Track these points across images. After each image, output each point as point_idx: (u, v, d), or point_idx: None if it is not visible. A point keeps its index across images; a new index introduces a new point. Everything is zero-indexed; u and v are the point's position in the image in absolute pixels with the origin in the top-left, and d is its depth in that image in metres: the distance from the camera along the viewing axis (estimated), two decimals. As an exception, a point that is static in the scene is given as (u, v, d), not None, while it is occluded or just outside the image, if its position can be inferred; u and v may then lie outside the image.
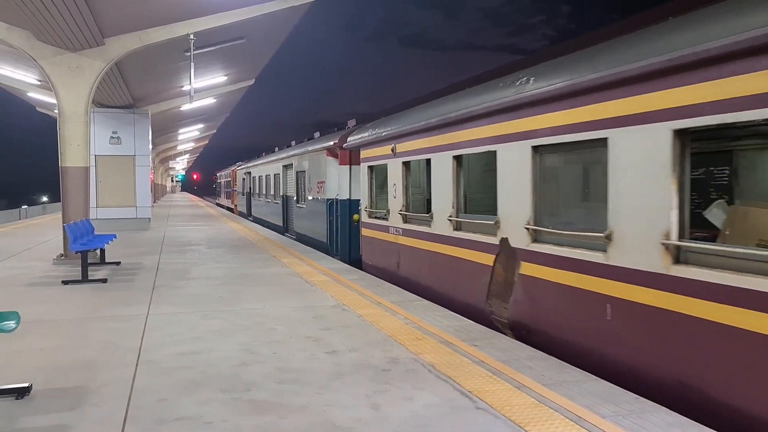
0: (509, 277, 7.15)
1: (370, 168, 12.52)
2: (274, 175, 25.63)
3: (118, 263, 12.18)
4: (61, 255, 12.63)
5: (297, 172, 20.70)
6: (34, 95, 20.43)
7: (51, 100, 15.92)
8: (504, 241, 7.30)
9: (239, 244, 16.06)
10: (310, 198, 18.32)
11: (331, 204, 15.81)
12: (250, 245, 15.83)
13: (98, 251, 12.07)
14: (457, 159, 8.59)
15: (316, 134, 20.11)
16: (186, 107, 23.46)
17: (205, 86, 20.10)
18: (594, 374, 5.21)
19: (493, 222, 7.53)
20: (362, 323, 6.97)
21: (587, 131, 5.77)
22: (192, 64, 13.69)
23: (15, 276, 10.66)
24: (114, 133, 20.86)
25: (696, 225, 5.39)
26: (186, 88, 18.25)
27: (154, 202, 42.11)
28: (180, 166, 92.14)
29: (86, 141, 12.87)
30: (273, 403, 4.47)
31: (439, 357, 5.59)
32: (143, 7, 11.82)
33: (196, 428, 4.02)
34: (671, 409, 4.32)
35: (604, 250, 5.55)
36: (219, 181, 66.94)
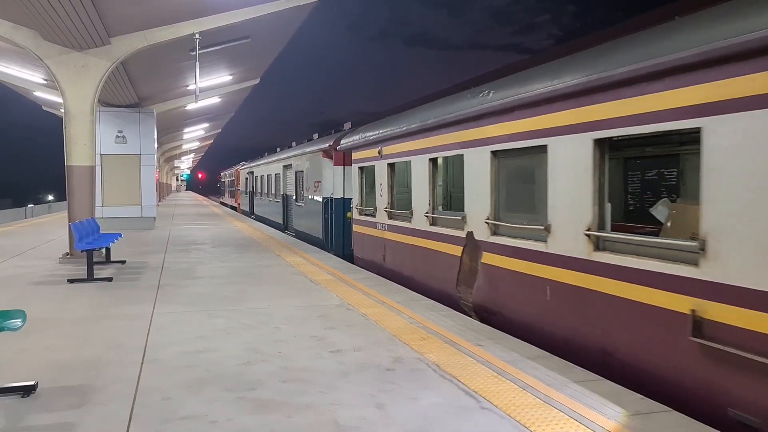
0: (474, 266, 8.10)
1: (361, 169, 13.44)
2: (275, 174, 26.73)
3: (123, 262, 12.21)
4: (67, 254, 12.68)
5: (296, 172, 21.54)
6: (40, 94, 20.50)
7: (57, 99, 15.99)
8: (470, 234, 8.26)
9: (244, 243, 16.08)
10: (308, 197, 19.15)
11: (327, 202, 16.71)
12: (255, 244, 15.85)
13: (103, 250, 12.10)
14: (433, 161, 9.53)
15: (315, 136, 20.72)
16: (191, 106, 23.49)
17: (210, 85, 20.13)
18: (538, 347, 6.08)
19: (461, 218, 8.49)
20: (367, 322, 6.97)
21: (533, 139, 6.78)
22: (197, 63, 13.70)
23: (21, 275, 10.70)
24: (119, 132, 20.92)
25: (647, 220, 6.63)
26: (191, 87, 18.26)
27: (160, 201, 42.24)
28: (185, 165, 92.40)
29: (92, 140, 12.91)
30: (278, 402, 4.48)
31: (444, 357, 5.59)
32: (149, 7, 11.85)
33: (200, 427, 4.02)
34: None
35: (545, 241, 6.54)
36: (223, 180, 69.21)
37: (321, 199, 17.16)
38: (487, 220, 7.77)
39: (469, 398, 4.52)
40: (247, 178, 39.50)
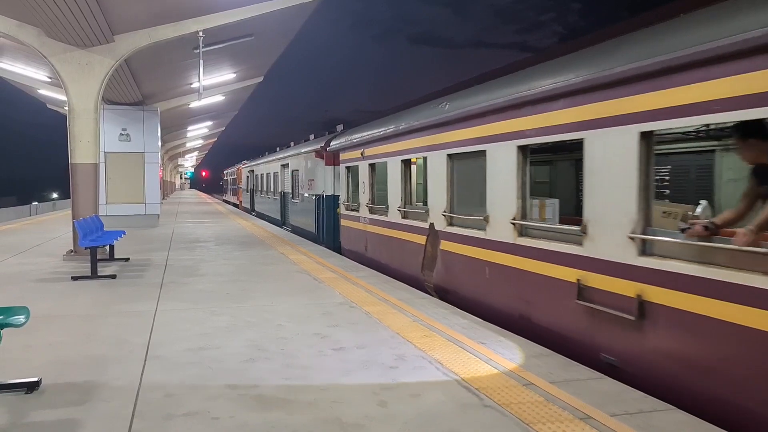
0: (434, 253, 9.43)
1: (347, 168, 14.87)
2: (274, 173, 28.12)
3: (127, 259, 12.24)
4: (71, 251, 12.71)
5: (292, 171, 22.88)
6: (44, 92, 20.54)
7: (61, 97, 16.00)
8: (431, 225, 9.57)
9: (247, 241, 16.10)
10: (302, 194, 20.62)
11: (319, 199, 18.05)
12: (258, 242, 15.87)
13: (107, 247, 12.13)
14: (405, 162, 10.88)
15: (311, 136, 21.91)
16: (195, 104, 23.50)
17: (213, 83, 20.14)
18: (480, 317, 7.19)
19: (424, 211, 9.83)
20: (370, 320, 6.97)
21: (476, 144, 8.09)
22: (201, 61, 13.70)
23: (25, 272, 10.73)
24: (123, 130, 20.94)
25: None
26: (195, 85, 18.31)
27: (164, 199, 42.33)
28: (189, 163, 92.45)
29: (96, 138, 12.93)
30: (280, 399, 4.48)
31: (447, 354, 5.58)
32: (153, 4, 11.86)
33: (203, 424, 4.03)
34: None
35: (485, 229, 7.88)
36: (225, 178, 70.99)
37: (314, 196, 18.46)
38: (444, 213, 9.10)
39: (471, 396, 4.52)
40: (248, 177, 40.94)
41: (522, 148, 7.09)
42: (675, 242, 4.97)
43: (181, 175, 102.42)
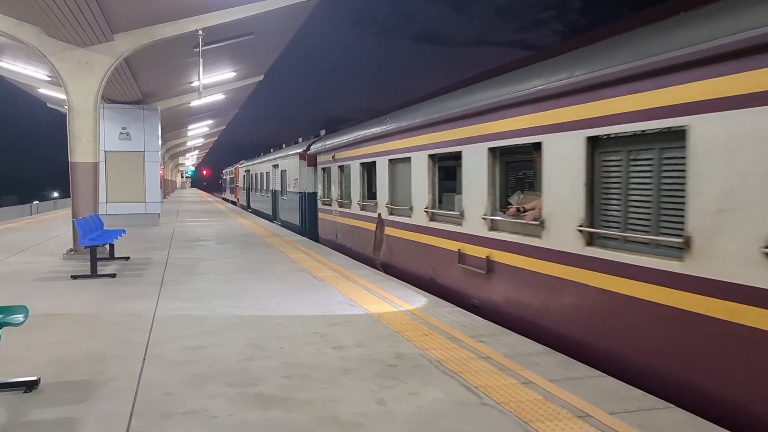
0: (381, 237, 12.04)
1: (323, 169, 17.67)
2: (266, 173, 30.52)
3: (127, 258, 12.24)
4: (71, 250, 12.71)
5: (281, 171, 25.17)
6: (44, 91, 20.53)
7: (61, 95, 16.00)
8: (379, 215, 12.19)
9: (248, 240, 16.10)
10: (289, 192, 23.08)
11: (302, 196, 20.60)
12: (259, 241, 15.87)
13: (107, 246, 12.13)
14: (363, 165, 13.44)
15: (300, 139, 24.58)
16: (195, 103, 23.48)
17: (213, 82, 20.12)
18: (410, 284, 9.40)
19: (374, 204, 12.49)
20: (369, 319, 6.96)
21: (405, 152, 10.65)
22: (201, 60, 13.69)
23: (25, 270, 10.74)
24: (123, 128, 20.93)
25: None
26: (195, 84, 18.30)
27: (164, 198, 42.34)
28: (190, 162, 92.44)
29: (96, 137, 12.92)
30: (279, 397, 4.48)
31: (446, 353, 5.58)
32: (152, 3, 11.84)
33: (202, 422, 4.03)
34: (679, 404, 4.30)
35: (410, 216, 10.43)
36: (224, 177, 74.37)
37: (298, 194, 21.08)
38: (387, 205, 11.72)
39: (470, 394, 4.52)
40: (244, 176, 43.65)
41: (431, 157, 9.69)
42: (503, 220, 7.57)
43: (182, 174, 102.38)
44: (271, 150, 33.08)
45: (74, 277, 9.91)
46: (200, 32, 12.85)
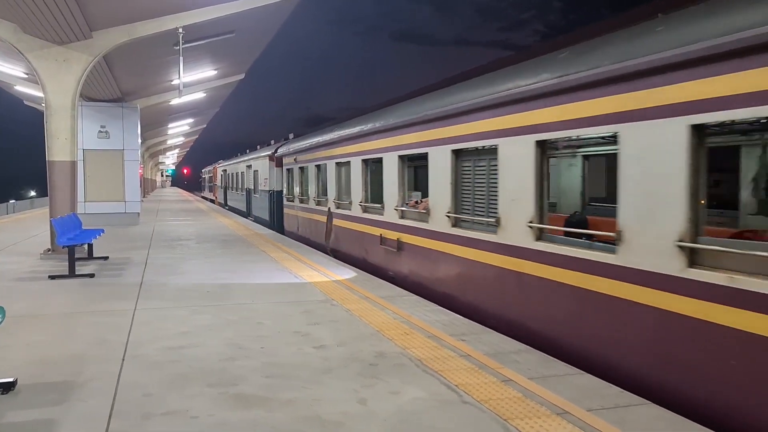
0: (330, 227, 14.55)
1: (287, 170, 20.61)
2: (241, 173, 32.92)
3: (106, 258, 12.12)
4: (49, 250, 12.55)
5: (254, 171, 27.65)
6: (21, 89, 20.22)
7: (38, 93, 15.77)
8: (329, 209, 14.66)
9: (229, 239, 16.02)
10: (260, 190, 25.56)
11: (271, 194, 22.95)
12: (240, 240, 15.79)
13: (86, 246, 11.99)
14: (317, 166, 15.97)
15: (272, 142, 27.03)
16: (175, 101, 23.27)
17: (194, 80, 19.97)
18: (354, 266, 11.19)
19: (325, 200, 14.97)
20: (350, 318, 6.98)
21: (347, 157, 13.03)
22: (181, 58, 13.59)
23: (2, 271, 10.58)
24: (102, 127, 20.68)
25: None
26: (175, 82, 18.14)
27: (144, 197, 41.96)
28: (170, 160, 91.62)
29: (73, 135, 12.76)
30: (260, 397, 4.48)
31: (427, 351, 5.61)
32: (131, 0, 11.73)
33: (182, 423, 4.02)
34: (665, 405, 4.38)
35: (351, 209, 12.79)
36: (204, 176, 77.53)
37: (267, 192, 23.50)
38: (334, 201, 14.15)
39: (450, 392, 4.55)
40: (221, 175, 46.90)
41: (365, 161, 12.07)
42: (408, 210, 10.06)
43: (162, 173, 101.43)
44: (247, 151, 36.08)
45: (52, 277, 9.79)
46: (180, 30, 12.75)
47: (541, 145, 6.53)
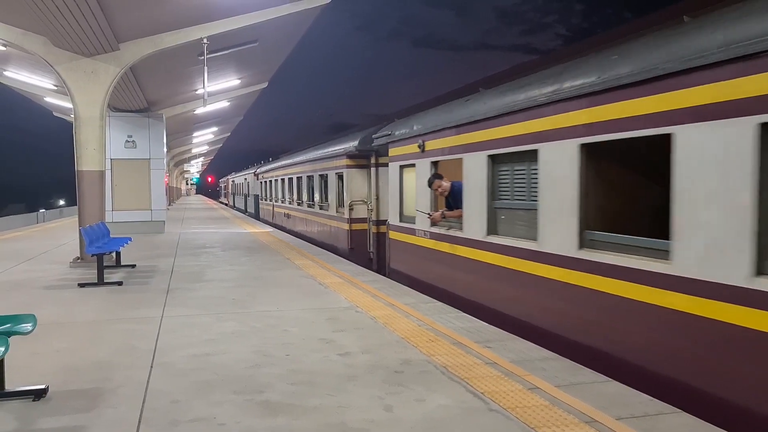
0: (288, 219, 24.13)
1: (261, 182, 33.79)
2: (241, 183, 50.69)
3: (133, 266, 12.29)
4: (78, 258, 12.77)
5: (247, 182, 44.22)
6: (50, 100, 20.68)
7: (67, 104, 16.11)
8: (292, 208, 23.56)
9: (253, 247, 16.14)
10: (251, 194, 40.77)
11: (255, 197, 37.94)
12: (264, 247, 15.90)
13: (114, 254, 12.18)
14: (281, 180, 26.16)
15: (263, 161, 39.52)
16: (200, 110, 23.59)
17: (218, 89, 20.21)
18: (293, 235, 20.24)
19: (270, 199, 29.91)
20: (375, 325, 6.98)
21: (304, 173, 21.21)
22: (206, 67, 13.77)
23: (32, 279, 10.79)
24: (129, 136, 21.04)
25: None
26: (200, 91, 18.36)
27: (170, 205, 42.54)
28: (195, 169, 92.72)
29: (102, 145, 13.00)
30: (286, 404, 4.49)
31: (452, 358, 5.59)
32: (157, 12, 11.93)
33: (209, 429, 4.04)
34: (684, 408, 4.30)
35: (316, 208, 19.42)
36: (221, 185, 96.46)
37: (254, 195, 38.90)
38: (296, 201, 22.30)
39: (476, 400, 4.52)
40: (231, 184, 64.51)
41: (299, 177, 21.77)
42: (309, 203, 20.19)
43: (186, 181, 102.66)
44: (247, 167, 50.15)
45: (81, 285, 9.95)
46: (205, 40, 12.92)
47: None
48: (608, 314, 5.65)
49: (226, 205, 64.85)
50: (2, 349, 4.26)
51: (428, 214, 9.46)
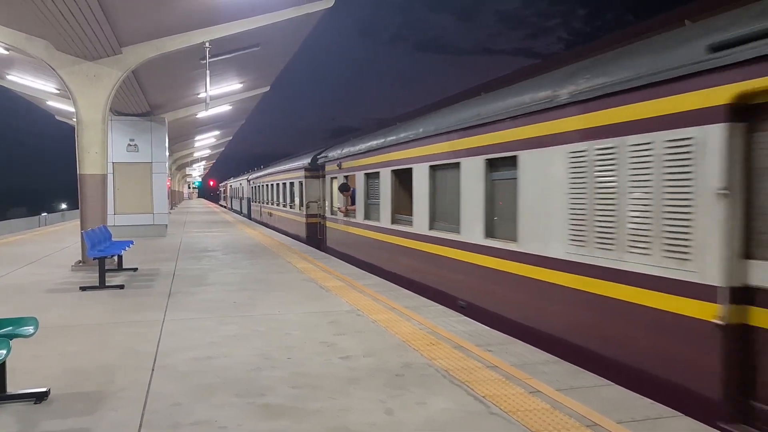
0: (270, 217, 31.40)
1: (252, 187, 42.05)
2: (237, 187, 57.49)
3: (135, 269, 12.30)
4: (80, 261, 12.78)
5: (242, 187, 50.24)
6: (53, 104, 20.72)
7: (70, 108, 16.13)
8: (273, 208, 30.80)
9: (255, 250, 16.15)
10: (245, 197, 46.99)
11: (248, 199, 44.23)
12: (266, 251, 15.92)
13: (115, 258, 12.20)
14: (265, 185, 33.83)
15: (262, 166, 43.05)
16: (202, 114, 23.64)
17: (220, 93, 20.25)
18: (287, 235, 23.36)
19: (259, 201, 37.25)
20: (377, 328, 6.98)
21: (280, 181, 28.02)
22: (208, 71, 13.80)
23: (34, 282, 10.81)
24: (131, 140, 21.07)
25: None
26: (202, 95, 18.42)
27: (171, 208, 42.64)
28: (197, 172, 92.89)
29: (104, 149, 13.02)
30: (287, 407, 4.50)
31: (453, 362, 5.59)
32: (159, 17, 11.96)
33: (210, 432, 4.05)
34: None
35: (287, 207, 25.87)
36: (220, 189, 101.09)
37: (247, 198, 45.12)
38: (275, 202, 29.43)
39: (478, 403, 4.52)
40: (229, 188, 70.64)
41: (276, 184, 28.76)
42: (280, 203, 27.63)
43: (189, 185, 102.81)
44: (243, 173, 54.84)
45: (83, 289, 9.97)
46: (207, 44, 12.95)
47: None
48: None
49: (225, 207, 69.38)
50: (4, 351, 4.28)
51: (338, 208, 16.40)
